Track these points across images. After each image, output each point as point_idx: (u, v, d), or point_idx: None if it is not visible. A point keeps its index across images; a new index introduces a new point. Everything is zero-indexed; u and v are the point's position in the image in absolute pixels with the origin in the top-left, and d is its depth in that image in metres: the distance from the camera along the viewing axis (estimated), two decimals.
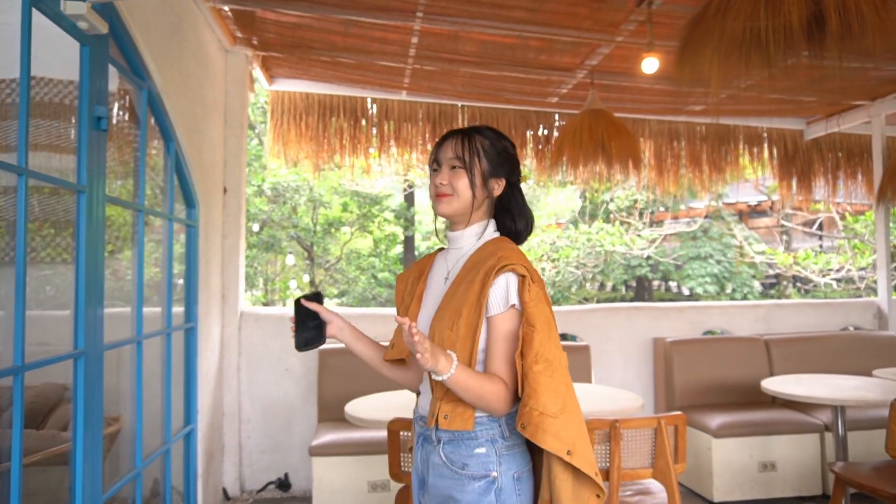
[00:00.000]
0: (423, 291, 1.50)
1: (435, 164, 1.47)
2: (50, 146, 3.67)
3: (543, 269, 10.51)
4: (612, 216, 10.55)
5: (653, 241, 10.09)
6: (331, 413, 3.47)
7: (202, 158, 3.16)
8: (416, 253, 13.40)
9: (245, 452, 3.64)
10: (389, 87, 4.25)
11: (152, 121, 2.59)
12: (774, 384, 3.09)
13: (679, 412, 2.25)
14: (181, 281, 3.02)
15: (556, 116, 4.74)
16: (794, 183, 4.99)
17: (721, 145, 4.91)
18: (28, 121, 1.57)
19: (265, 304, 11.10)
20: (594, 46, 3.52)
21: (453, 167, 1.43)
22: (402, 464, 2.23)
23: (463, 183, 1.41)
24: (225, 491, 3.57)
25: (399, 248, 13.04)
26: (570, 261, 10.10)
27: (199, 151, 3.09)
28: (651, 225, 10.81)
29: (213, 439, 3.36)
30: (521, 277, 1.31)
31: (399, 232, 13.35)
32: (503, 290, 1.31)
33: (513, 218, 1.47)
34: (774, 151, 4.98)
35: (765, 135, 5.00)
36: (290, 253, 11.84)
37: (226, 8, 3.22)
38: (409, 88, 4.28)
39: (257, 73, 4.00)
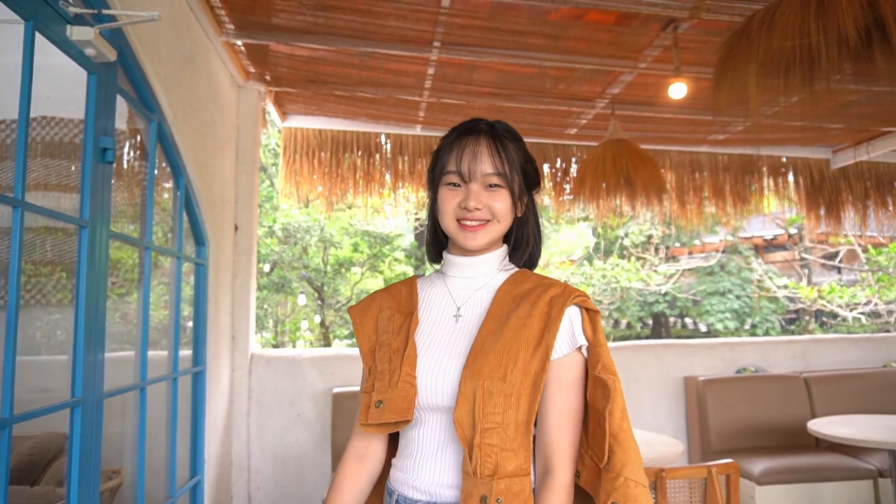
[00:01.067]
0: (417, 332, 1.13)
1: (457, 176, 1.13)
2: (59, 186, 3.58)
3: None
4: (626, 252, 10.39)
5: (670, 276, 9.88)
6: None
7: (213, 195, 3.06)
8: None
9: (254, 503, 3.43)
10: (404, 121, 4.17)
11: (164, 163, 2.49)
12: (822, 426, 2.87)
13: (730, 460, 2.05)
14: (190, 323, 2.88)
15: (574, 149, 4.64)
16: (822, 213, 4.82)
17: (744, 176, 4.77)
18: (26, 151, 1.46)
19: (275, 346, 10.93)
20: (616, 74, 3.42)
21: (491, 185, 1.11)
22: None
23: (506, 206, 1.11)
24: None
25: None
26: None
27: (209, 188, 2.98)
28: (667, 260, 10.63)
29: (221, 490, 3.16)
30: (592, 313, 1.06)
31: (410, 271, 13.23)
32: (568, 327, 1.05)
33: (533, 240, 1.19)
34: (801, 181, 4.83)
35: (790, 165, 4.86)
36: (302, 293, 11.72)
37: (239, 42, 3.17)
38: (424, 122, 4.20)
39: (270, 108, 3.93)
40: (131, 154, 2.47)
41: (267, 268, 10.77)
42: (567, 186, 4.60)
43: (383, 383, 1.09)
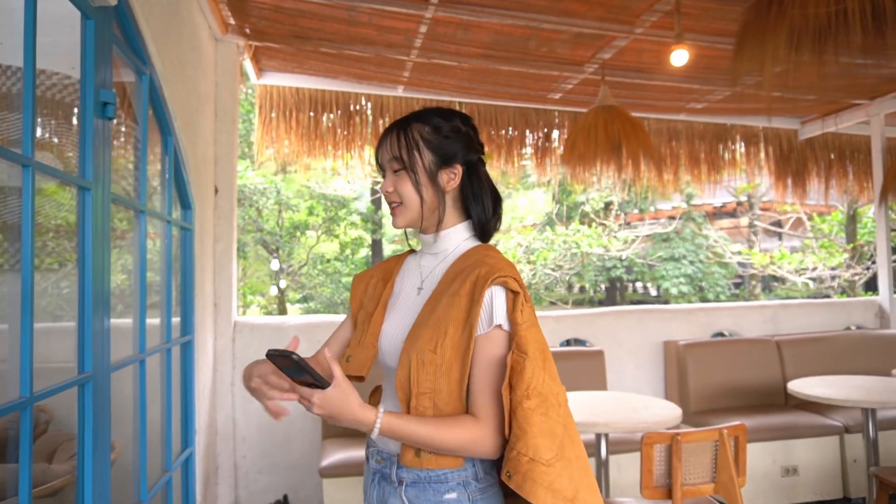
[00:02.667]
0: (389, 298, 1.27)
1: (379, 169, 1.26)
2: (48, 145, 3.33)
3: (521, 271, 10.42)
4: (586, 218, 10.54)
5: (629, 242, 10.10)
6: (336, 428, 3.23)
7: (196, 155, 2.89)
8: (383, 257, 13.13)
9: (241, 473, 3.36)
10: (388, 81, 4.04)
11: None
12: (801, 387, 3.00)
13: (739, 422, 2.11)
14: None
15: (556, 115, 4.61)
16: (789, 182, 4.98)
17: (718, 144, 4.86)
18: (34, 108, 1.32)
19: None
20: (609, 39, 3.38)
21: (395, 170, 1.21)
22: None
23: (407, 188, 1.19)
24: None
25: (365, 252, 12.79)
26: (548, 263, 10.03)
27: (194, 148, 2.82)
28: (626, 226, 10.84)
29: (209, 460, 3.08)
30: (513, 294, 1.09)
31: (366, 236, 13.09)
32: (488, 306, 1.09)
33: (473, 205, 1.21)
34: (771, 151, 4.96)
35: (761, 134, 4.98)
36: (275, 258, 11.45)
37: None
38: (407, 83, 4.07)
39: (247, 65, 3.73)
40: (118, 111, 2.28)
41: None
42: (549, 150, 4.58)
43: (356, 341, 1.25)
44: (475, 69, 3.84)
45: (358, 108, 4.27)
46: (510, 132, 4.52)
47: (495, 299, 1.09)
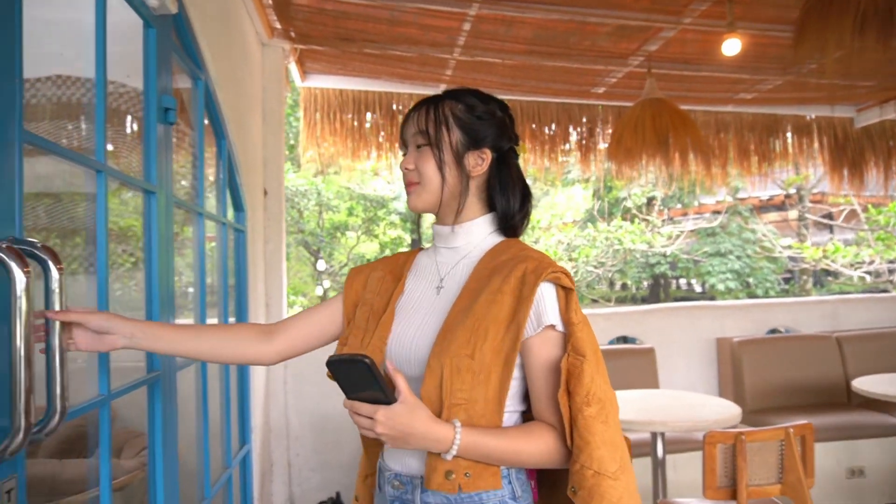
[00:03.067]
0: (400, 298, 1.13)
1: (402, 145, 1.16)
2: (80, 148, 3.44)
3: None
4: (628, 214, 10.38)
5: (674, 237, 9.90)
6: None
7: (247, 158, 2.95)
8: None
9: (294, 471, 3.42)
10: (430, 79, 4.04)
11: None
12: (867, 384, 2.88)
13: (806, 421, 2.04)
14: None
15: (599, 109, 4.55)
16: (845, 173, 4.80)
17: (769, 134, 4.71)
18: (105, 117, 1.36)
19: None
20: (656, 31, 3.31)
21: (419, 146, 1.11)
22: None
23: (429, 165, 1.08)
24: None
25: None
26: (590, 260, 9.91)
27: (245, 151, 2.87)
28: (669, 221, 10.63)
29: (264, 458, 3.14)
30: (566, 291, 1.00)
31: (405, 236, 13.16)
32: (538, 305, 1.00)
33: (499, 197, 1.11)
34: (824, 140, 4.79)
35: (813, 124, 4.81)
36: (321, 258, 11.63)
37: None
38: (450, 81, 4.07)
39: (292, 68, 3.79)
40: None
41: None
42: (593, 146, 4.52)
43: (356, 340, 1.11)
44: (518, 65, 3.81)
45: (400, 107, 4.29)
46: (553, 128, 4.47)
47: (546, 297, 1.00)
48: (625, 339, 3.89)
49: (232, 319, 2.66)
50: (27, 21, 1.03)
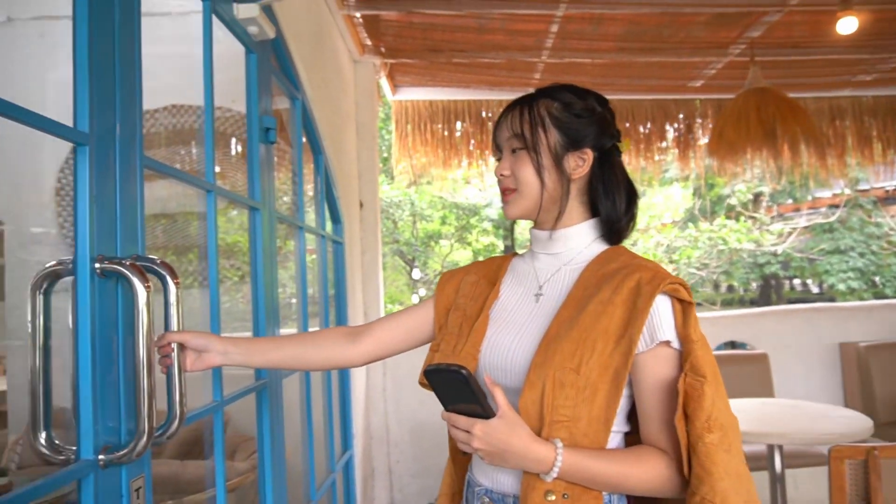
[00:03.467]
0: (495, 304, 1.09)
1: (496, 149, 1.10)
2: (195, 172, 3.69)
3: None
4: (733, 211, 9.81)
5: (785, 235, 9.25)
6: None
7: (343, 172, 3.05)
8: None
9: (395, 477, 3.48)
10: (518, 85, 4.02)
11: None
12: None
13: None
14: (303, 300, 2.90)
15: (697, 104, 4.33)
16: None
17: (894, 120, 4.29)
18: (213, 141, 1.45)
19: None
20: (758, 16, 3.11)
21: (514, 150, 1.05)
22: None
23: (526, 171, 1.02)
24: None
25: None
26: (692, 261, 9.45)
27: (340, 165, 2.98)
28: (779, 218, 9.94)
29: (366, 464, 3.22)
30: (685, 305, 0.93)
31: (498, 242, 13.12)
32: (653, 319, 0.92)
33: (603, 200, 1.04)
34: None
35: None
36: (416, 268, 11.90)
37: (358, 15, 3.11)
38: (539, 85, 4.00)
39: (382, 82, 3.89)
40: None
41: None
42: (692, 142, 4.31)
43: (448, 346, 1.07)
44: (608, 64, 3.71)
45: (490, 114, 4.29)
46: (648, 126, 4.31)
47: (661, 310, 0.92)
48: (733, 345, 3.67)
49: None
50: (144, 57, 1.12)
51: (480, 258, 12.37)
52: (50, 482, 0.89)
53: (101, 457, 0.91)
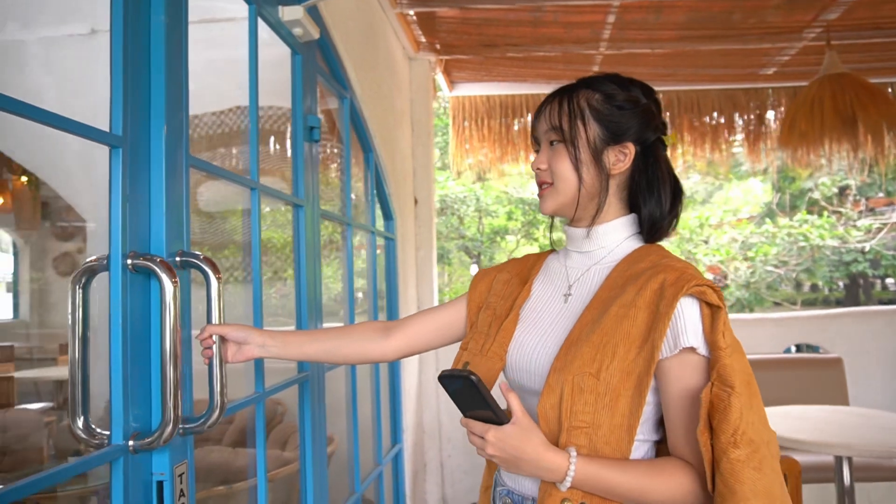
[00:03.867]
0: (525, 304, 1.06)
1: (534, 142, 1.07)
2: (261, 171, 3.81)
3: (736, 269, 9.45)
4: (816, 206, 9.24)
5: (874, 231, 8.63)
6: None
7: (395, 169, 3.08)
8: None
9: (447, 472, 3.50)
10: (576, 78, 3.93)
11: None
12: None
13: None
14: (360, 295, 2.94)
15: (770, 92, 4.10)
16: None
17: None
18: (258, 140, 1.49)
19: None
20: None
21: (552, 142, 1.01)
22: None
23: (564, 164, 0.99)
24: None
25: None
26: (769, 258, 8.97)
27: (392, 163, 3.01)
28: (868, 213, 9.28)
29: (416, 458, 3.25)
30: (712, 309, 0.87)
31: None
32: (677, 323, 0.87)
33: (646, 197, 1.00)
34: None
35: None
36: (474, 263, 11.97)
37: (411, 12, 3.13)
38: None
39: (439, 78, 3.90)
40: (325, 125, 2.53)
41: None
42: (764, 134, 4.09)
43: (476, 345, 1.06)
44: (670, 54, 3.57)
45: None
46: (716, 118, 4.12)
47: (687, 314, 0.87)
48: (802, 348, 3.46)
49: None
50: (211, 61, 1.17)
51: None
52: (83, 463, 0.95)
53: (130, 442, 0.96)
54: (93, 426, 0.98)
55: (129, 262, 0.98)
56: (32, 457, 2.88)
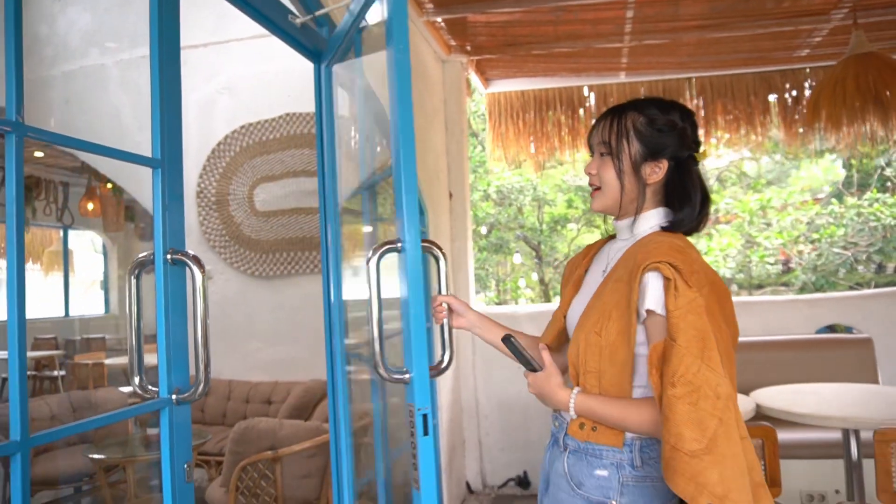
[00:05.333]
0: (584, 276, 1.33)
1: (589, 150, 1.32)
2: (305, 171, 4.16)
3: (801, 252, 9.13)
4: (890, 184, 8.80)
5: None
6: None
7: (427, 166, 3.31)
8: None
9: (484, 449, 3.73)
10: (607, 70, 4.04)
11: None
12: None
13: None
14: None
15: (807, 72, 4.07)
16: None
17: None
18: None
19: (498, 304, 11.43)
20: None
21: (602, 154, 1.26)
22: None
23: (609, 174, 1.23)
24: (468, 484, 3.69)
25: None
26: (836, 240, 8.63)
27: (423, 160, 3.24)
28: None
29: (454, 434, 3.50)
30: (665, 280, 1.08)
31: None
32: (643, 293, 1.10)
33: (675, 204, 1.22)
34: None
35: None
36: (517, 252, 12.07)
37: (439, 19, 3.35)
38: (627, 69, 4.02)
39: (473, 78, 4.10)
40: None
41: (484, 230, 11.25)
42: (800, 114, 4.07)
43: (559, 312, 1.35)
44: (697, 42, 3.63)
45: (581, 100, 4.35)
46: (750, 100, 4.12)
47: (650, 285, 1.10)
48: (834, 329, 3.46)
49: None
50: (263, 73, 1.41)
51: None
52: (140, 408, 1.25)
53: (174, 396, 1.25)
54: (146, 383, 1.27)
55: (168, 256, 1.26)
56: (118, 429, 3.33)
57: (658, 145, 1.21)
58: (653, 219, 1.24)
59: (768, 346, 3.28)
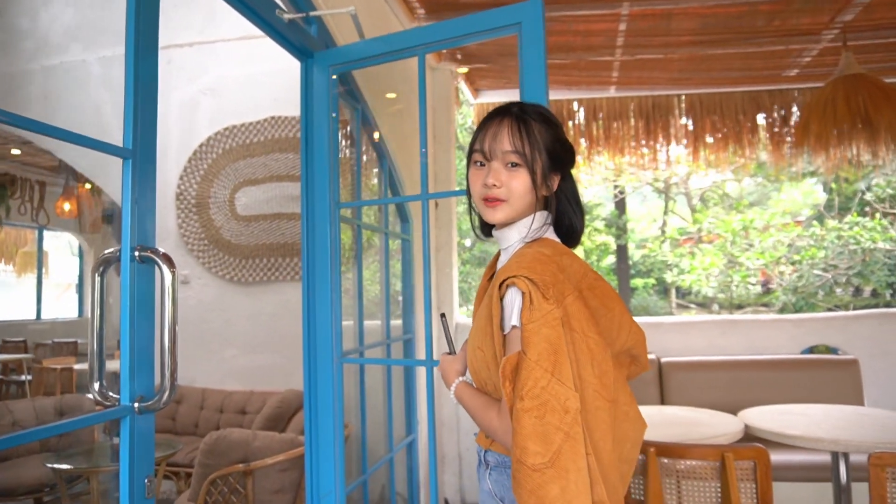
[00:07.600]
0: (485, 287, 1.30)
1: (480, 155, 1.17)
2: (288, 176, 4.06)
3: (782, 273, 9.20)
4: (868, 208, 8.92)
5: None
6: None
7: (413, 175, 3.25)
8: (630, 263, 12.69)
9: (465, 464, 3.64)
10: (596, 83, 4.03)
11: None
12: None
13: None
14: (400, 297, 3.12)
15: (796, 93, 4.09)
16: None
17: None
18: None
19: None
20: None
21: (512, 164, 1.14)
22: None
23: (524, 186, 1.14)
24: (447, 501, 3.60)
25: (611, 259, 12.51)
26: (817, 262, 8.71)
27: (409, 168, 3.18)
28: None
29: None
30: (523, 294, 1.05)
31: (611, 241, 12.83)
32: (508, 308, 1.08)
33: (569, 216, 1.21)
34: None
35: None
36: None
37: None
38: (617, 83, 4.01)
39: (463, 87, 4.06)
40: (343, 142, 2.73)
41: (468, 243, 11.19)
42: (789, 137, 4.08)
43: None
44: (689, 58, 3.62)
45: (571, 114, 4.32)
46: (739, 119, 4.13)
47: (513, 301, 1.07)
48: (813, 350, 3.43)
49: (395, 322, 2.97)
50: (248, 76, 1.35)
51: (593, 257, 12.19)
52: (97, 416, 1.15)
53: (136, 404, 1.15)
54: (106, 390, 1.18)
55: (136, 254, 1.18)
56: (84, 437, 3.18)
57: (559, 157, 1.16)
58: (538, 223, 1.19)
59: (754, 365, 3.24)
